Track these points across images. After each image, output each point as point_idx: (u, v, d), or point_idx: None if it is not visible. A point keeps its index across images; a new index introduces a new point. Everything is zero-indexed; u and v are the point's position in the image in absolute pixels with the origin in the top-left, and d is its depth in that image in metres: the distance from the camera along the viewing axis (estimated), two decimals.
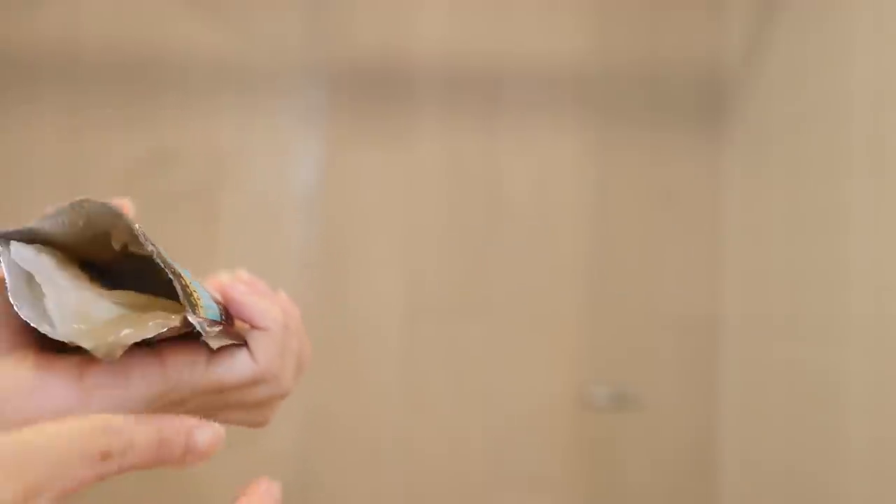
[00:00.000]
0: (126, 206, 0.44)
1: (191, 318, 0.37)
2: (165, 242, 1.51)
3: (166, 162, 1.52)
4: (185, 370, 0.39)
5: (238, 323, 0.43)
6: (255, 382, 0.42)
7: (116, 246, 0.40)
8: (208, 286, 0.45)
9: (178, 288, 0.38)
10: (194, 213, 1.52)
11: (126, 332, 0.36)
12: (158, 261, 0.38)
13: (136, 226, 0.38)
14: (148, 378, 0.38)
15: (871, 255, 1.21)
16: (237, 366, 0.41)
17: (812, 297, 1.35)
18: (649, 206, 1.60)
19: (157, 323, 0.37)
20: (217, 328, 0.39)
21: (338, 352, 1.54)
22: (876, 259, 1.21)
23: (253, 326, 0.43)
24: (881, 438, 1.19)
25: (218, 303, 0.42)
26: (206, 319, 0.39)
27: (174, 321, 0.37)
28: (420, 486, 1.55)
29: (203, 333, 0.38)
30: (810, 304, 1.35)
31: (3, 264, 0.37)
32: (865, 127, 1.23)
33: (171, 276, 0.38)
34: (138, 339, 0.36)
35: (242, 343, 0.42)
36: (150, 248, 0.38)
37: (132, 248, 0.40)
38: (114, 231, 0.40)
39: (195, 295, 0.39)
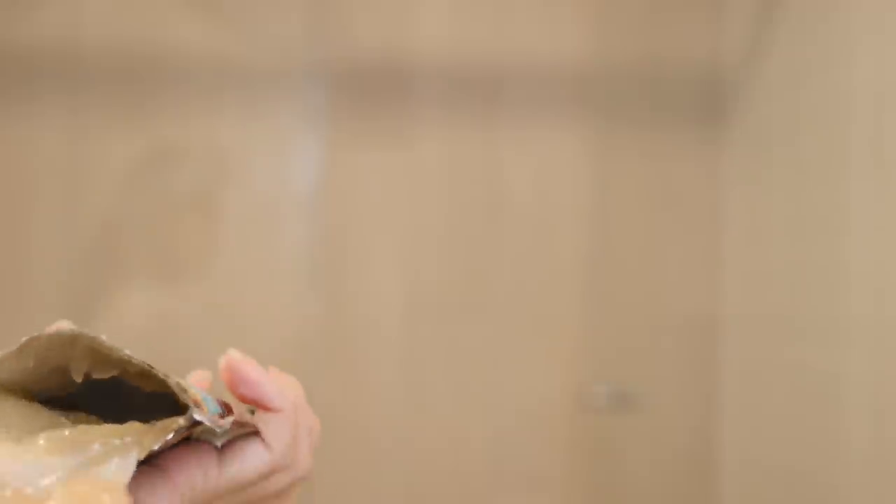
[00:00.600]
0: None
1: (197, 416, 0.34)
2: (166, 243, 1.51)
3: (167, 162, 1.52)
4: (197, 478, 0.36)
5: (239, 412, 0.39)
6: (272, 472, 0.38)
7: (78, 377, 0.36)
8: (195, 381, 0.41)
9: (173, 385, 0.34)
10: (195, 212, 1.52)
11: (116, 461, 0.32)
12: (141, 363, 0.34)
13: (103, 337, 0.34)
14: (158, 498, 0.34)
15: (871, 255, 1.22)
16: (250, 459, 0.38)
17: (812, 298, 1.35)
18: (649, 206, 1.60)
19: (157, 435, 0.33)
20: (226, 421, 0.36)
21: (338, 352, 1.54)
22: (876, 259, 1.21)
23: (264, 409, 0.39)
24: (881, 438, 1.19)
25: (217, 400, 0.38)
26: (211, 415, 0.35)
27: (177, 423, 0.33)
28: (420, 486, 1.55)
29: (216, 429, 0.35)
30: (810, 304, 1.35)
31: None
32: (865, 127, 1.23)
33: (162, 376, 0.34)
34: (141, 458, 0.32)
35: (252, 431, 0.39)
36: (124, 353, 0.34)
37: (96, 375, 0.36)
38: (72, 363, 0.36)
39: (191, 391, 0.35)
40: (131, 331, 1.47)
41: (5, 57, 1.50)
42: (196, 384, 0.41)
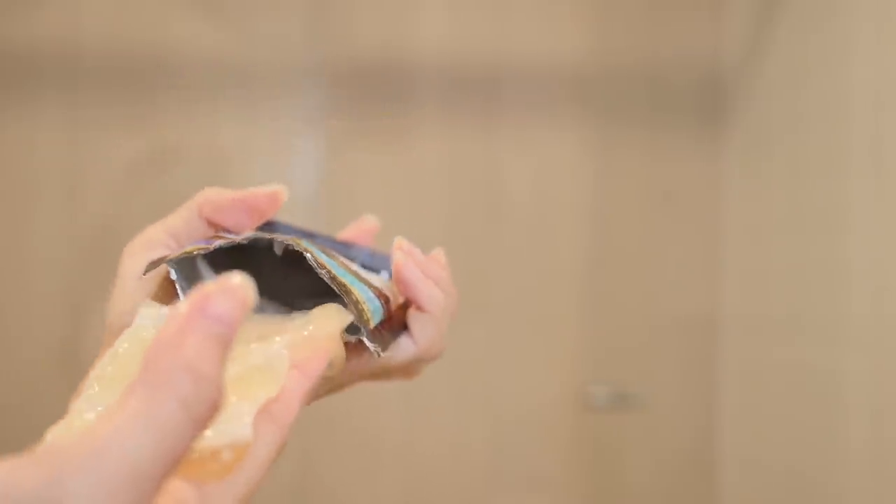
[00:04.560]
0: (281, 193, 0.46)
1: (367, 342, 0.40)
2: None
3: (166, 162, 1.52)
4: (354, 360, 0.42)
5: (395, 299, 0.45)
6: (415, 361, 0.45)
7: (279, 251, 0.42)
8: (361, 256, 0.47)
9: (352, 310, 0.40)
10: None
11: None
12: (329, 282, 0.40)
13: (309, 255, 0.40)
14: (322, 367, 0.40)
15: (871, 255, 1.22)
16: (400, 352, 0.44)
17: (812, 297, 1.35)
18: (649, 206, 1.60)
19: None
20: (385, 335, 0.42)
21: None
22: (876, 259, 1.21)
23: (418, 308, 0.45)
24: (881, 438, 1.19)
25: (379, 295, 0.43)
26: (376, 338, 0.41)
27: (350, 338, 0.41)
28: (420, 486, 1.55)
29: (378, 354, 0.41)
30: (810, 304, 1.35)
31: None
32: (865, 127, 1.23)
33: (340, 293, 0.40)
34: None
35: (404, 327, 0.45)
36: (321, 272, 0.40)
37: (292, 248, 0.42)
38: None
39: (366, 308, 0.40)
40: None
41: (5, 57, 1.50)
42: (363, 232, 0.50)
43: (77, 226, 1.50)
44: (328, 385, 0.42)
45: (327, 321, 0.40)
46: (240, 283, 0.28)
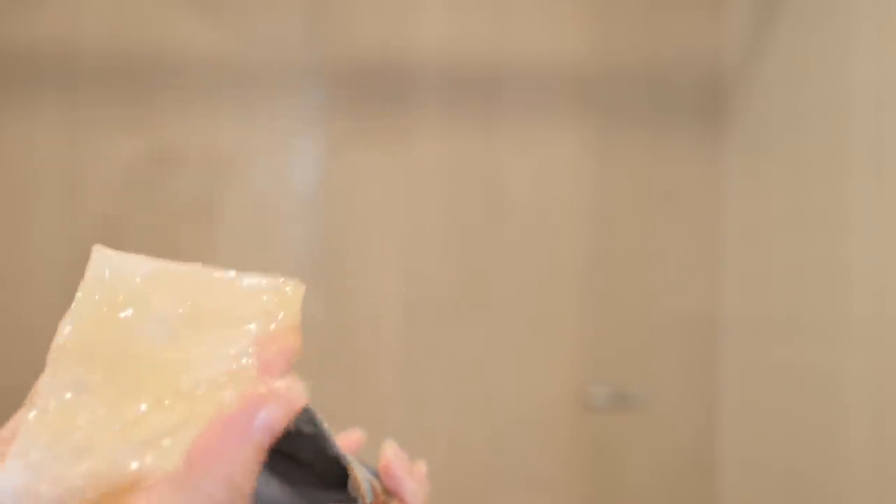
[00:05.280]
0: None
1: None
2: (166, 243, 1.50)
3: (166, 162, 1.52)
4: None
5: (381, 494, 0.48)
6: None
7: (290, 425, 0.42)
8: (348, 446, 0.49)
9: (353, 483, 0.43)
10: (194, 213, 1.52)
11: None
12: (337, 452, 0.42)
13: (321, 421, 0.40)
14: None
15: (871, 255, 1.21)
16: None
17: (812, 297, 1.35)
18: (649, 206, 1.60)
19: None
20: None
21: (337, 352, 1.54)
22: (876, 259, 1.21)
23: (400, 501, 0.48)
24: (881, 438, 1.19)
25: (368, 480, 0.47)
26: None
27: None
28: None
29: None
30: (810, 304, 1.35)
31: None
32: (866, 126, 1.23)
33: (347, 467, 0.43)
34: None
35: None
36: (334, 451, 0.42)
37: (300, 427, 0.42)
38: None
39: (363, 487, 0.44)
40: None
41: (5, 57, 1.50)
42: (350, 443, 0.52)
43: (77, 226, 1.49)
44: None
45: (290, 308, 0.37)
46: (293, 387, 0.28)
